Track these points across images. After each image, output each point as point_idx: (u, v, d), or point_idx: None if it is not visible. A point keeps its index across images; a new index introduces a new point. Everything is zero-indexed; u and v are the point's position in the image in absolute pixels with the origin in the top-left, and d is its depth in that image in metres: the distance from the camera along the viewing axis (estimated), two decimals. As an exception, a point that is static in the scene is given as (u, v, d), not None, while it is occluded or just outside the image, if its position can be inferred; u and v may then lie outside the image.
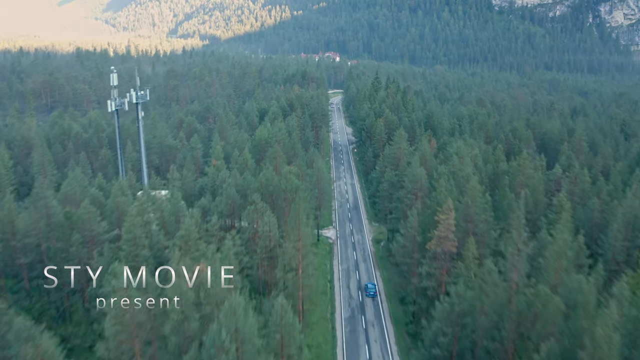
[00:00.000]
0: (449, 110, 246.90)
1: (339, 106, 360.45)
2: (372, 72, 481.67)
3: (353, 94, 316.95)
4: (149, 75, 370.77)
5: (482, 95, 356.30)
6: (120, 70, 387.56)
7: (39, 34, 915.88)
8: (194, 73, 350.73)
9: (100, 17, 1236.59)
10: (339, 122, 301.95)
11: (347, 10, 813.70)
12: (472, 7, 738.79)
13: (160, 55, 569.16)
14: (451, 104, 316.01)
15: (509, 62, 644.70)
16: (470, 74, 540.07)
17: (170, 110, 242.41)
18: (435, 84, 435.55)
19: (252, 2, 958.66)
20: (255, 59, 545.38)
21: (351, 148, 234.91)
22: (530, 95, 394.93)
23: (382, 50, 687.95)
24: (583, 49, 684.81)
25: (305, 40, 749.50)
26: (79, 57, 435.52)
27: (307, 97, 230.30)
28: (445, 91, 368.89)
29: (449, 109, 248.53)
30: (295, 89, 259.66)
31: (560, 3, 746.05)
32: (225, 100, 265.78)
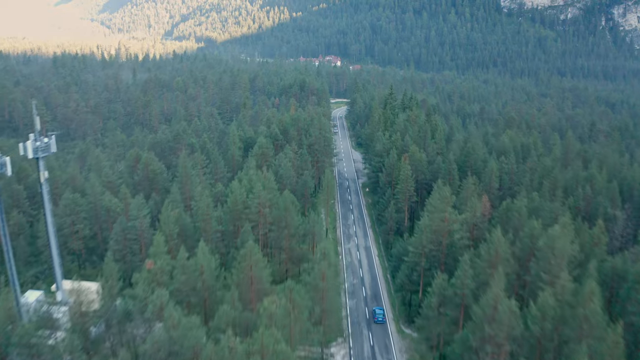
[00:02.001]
0: (483, 136, 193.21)
1: (342, 121, 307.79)
2: (378, 79, 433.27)
3: (360, 109, 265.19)
4: (127, 85, 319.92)
5: (508, 110, 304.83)
6: (100, 78, 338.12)
7: (29, 35, 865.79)
8: (176, 83, 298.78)
9: (96, 19, 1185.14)
10: (344, 143, 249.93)
11: (349, 12, 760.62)
12: (479, 9, 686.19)
13: (149, 59, 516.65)
14: (476, 122, 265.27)
15: (520, 67, 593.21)
16: (482, 81, 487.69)
17: (133, 137, 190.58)
18: (449, 94, 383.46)
19: (249, 3, 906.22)
20: (250, 64, 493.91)
21: (361, 185, 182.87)
22: (558, 109, 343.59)
23: (385, 54, 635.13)
24: (597, 54, 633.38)
25: (305, 43, 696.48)
26: (55, 63, 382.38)
27: (306, 120, 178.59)
28: (462, 104, 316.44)
29: (486, 138, 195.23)
30: (291, 107, 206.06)
31: (572, 5, 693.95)
32: (206, 121, 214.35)
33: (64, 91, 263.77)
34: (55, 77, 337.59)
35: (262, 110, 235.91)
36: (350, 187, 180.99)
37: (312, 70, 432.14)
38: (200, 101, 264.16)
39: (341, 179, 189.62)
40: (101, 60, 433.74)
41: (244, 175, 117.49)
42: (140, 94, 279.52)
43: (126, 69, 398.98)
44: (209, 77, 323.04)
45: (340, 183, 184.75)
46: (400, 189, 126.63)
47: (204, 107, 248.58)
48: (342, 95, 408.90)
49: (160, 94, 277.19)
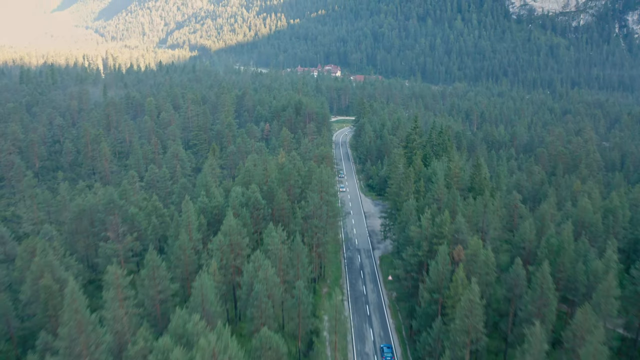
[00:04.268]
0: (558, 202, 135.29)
1: (347, 148, 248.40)
2: (383, 93, 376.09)
3: (369, 139, 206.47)
4: (94, 105, 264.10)
5: (539, 133, 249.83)
6: (66, 96, 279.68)
7: (17, 43, 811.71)
8: (148, 104, 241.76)
9: (90, 26, 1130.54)
10: (350, 183, 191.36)
11: (349, 18, 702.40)
12: (487, 15, 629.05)
13: (134, 70, 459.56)
14: (515, 159, 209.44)
15: (532, 77, 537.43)
16: (496, 94, 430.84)
17: (59, 196, 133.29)
18: (466, 111, 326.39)
19: (246, 10, 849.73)
20: (243, 75, 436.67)
21: (379, 262, 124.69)
22: (595, 131, 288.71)
23: (388, 63, 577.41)
24: (612, 63, 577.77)
25: (303, 51, 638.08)
26: (22, 77, 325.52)
27: (301, 175, 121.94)
28: (488, 129, 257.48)
29: (561, 203, 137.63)
30: (280, 154, 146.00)
31: (584, 11, 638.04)
32: (169, 163, 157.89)
33: (3, 119, 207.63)
34: (16, 95, 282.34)
35: (245, 144, 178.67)
36: (364, 268, 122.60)
37: (310, 84, 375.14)
38: (173, 129, 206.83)
39: (350, 250, 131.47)
40: (80, 73, 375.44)
41: (180, 324, 59.86)
42: (97, 122, 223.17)
43: (101, 83, 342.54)
44: (190, 96, 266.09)
45: (350, 258, 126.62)
46: (458, 326, 69.36)
47: (175, 139, 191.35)
48: (344, 112, 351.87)
49: (126, 119, 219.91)
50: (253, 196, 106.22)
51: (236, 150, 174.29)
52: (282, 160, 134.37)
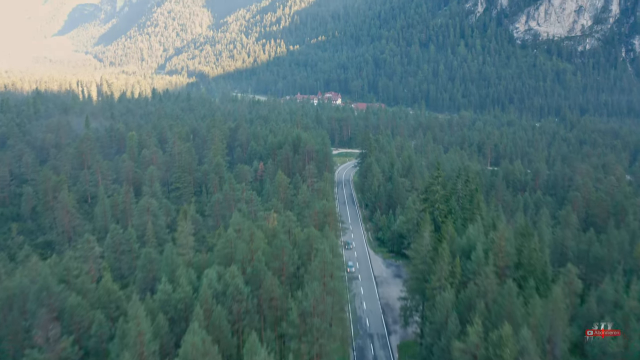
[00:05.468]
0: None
1: (351, 189, 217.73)
2: (388, 123, 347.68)
3: (378, 182, 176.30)
4: (73, 139, 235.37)
5: (559, 169, 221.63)
6: (46, 128, 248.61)
7: (14, 68, 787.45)
8: (129, 139, 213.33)
9: (90, 51, 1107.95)
10: (356, 232, 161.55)
11: (349, 44, 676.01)
12: (491, 40, 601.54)
13: (127, 97, 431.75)
14: (551, 212, 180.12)
15: (539, 104, 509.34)
16: (505, 123, 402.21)
17: None
18: (478, 144, 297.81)
19: (245, 36, 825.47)
20: (240, 104, 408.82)
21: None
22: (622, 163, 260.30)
23: (390, 90, 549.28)
24: (620, 88, 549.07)
25: (302, 78, 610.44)
26: (2, 106, 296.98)
27: (297, 248, 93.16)
28: (507, 167, 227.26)
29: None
30: (271, 217, 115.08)
31: (590, 36, 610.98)
32: (139, 223, 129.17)
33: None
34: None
35: (234, 191, 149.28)
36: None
37: (310, 114, 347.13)
38: (154, 170, 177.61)
39: (360, 337, 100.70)
40: (65, 101, 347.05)
41: None
42: (71, 159, 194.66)
43: (89, 113, 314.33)
44: (177, 129, 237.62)
45: (360, 349, 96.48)
46: None
47: (151, 184, 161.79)
48: (347, 144, 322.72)
49: (99, 158, 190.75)
50: (232, 283, 76.94)
51: (223, 198, 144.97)
52: (274, 224, 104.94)
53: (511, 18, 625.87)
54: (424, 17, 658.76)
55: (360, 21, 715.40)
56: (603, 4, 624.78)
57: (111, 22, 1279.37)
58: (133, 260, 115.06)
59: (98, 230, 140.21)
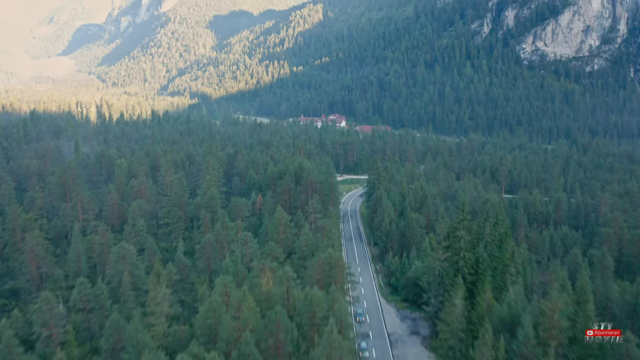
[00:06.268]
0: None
1: (358, 222, 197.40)
2: (395, 147, 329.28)
3: (390, 220, 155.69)
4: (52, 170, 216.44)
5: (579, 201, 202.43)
6: (34, 153, 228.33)
7: (14, 88, 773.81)
8: (117, 167, 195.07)
9: (93, 71, 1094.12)
10: (364, 276, 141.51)
11: (353, 66, 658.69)
12: (497, 61, 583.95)
13: (125, 119, 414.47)
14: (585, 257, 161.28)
15: (548, 125, 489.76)
16: (516, 146, 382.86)
17: None
18: (492, 170, 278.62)
19: (248, 57, 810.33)
20: (241, 128, 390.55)
21: None
22: None
23: (395, 112, 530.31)
24: (629, 109, 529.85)
25: (306, 100, 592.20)
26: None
27: (296, 320, 74.51)
28: (528, 198, 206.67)
29: None
30: (266, 273, 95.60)
31: (598, 56, 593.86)
32: (112, 277, 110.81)
33: None
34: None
35: (227, 232, 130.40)
36: None
37: (314, 138, 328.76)
38: (139, 206, 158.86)
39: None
40: (57, 124, 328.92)
41: None
42: (53, 190, 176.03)
43: (80, 137, 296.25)
44: (171, 155, 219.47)
45: None
46: None
47: (134, 222, 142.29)
48: (352, 170, 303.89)
49: (79, 191, 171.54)
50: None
51: (214, 240, 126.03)
52: (269, 285, 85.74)
53: (518, 38, 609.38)
54: (429, 37, 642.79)
55: (365, 42, 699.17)
56: (610, 23, 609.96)
57: (115, 43, 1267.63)
58: (104, 319, 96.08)
59: (72, 276, 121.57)
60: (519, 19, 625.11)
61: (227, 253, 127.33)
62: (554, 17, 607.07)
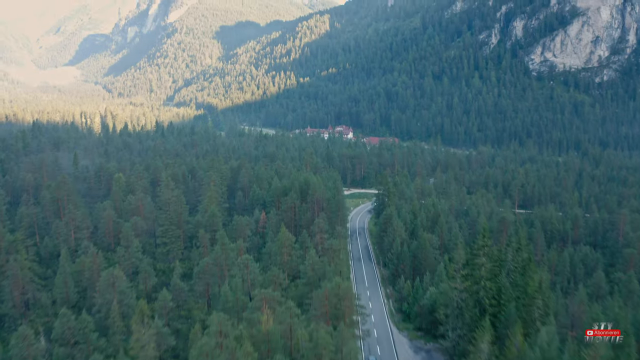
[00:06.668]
0: None
1: (367, 240, 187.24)
2: (404, 160, 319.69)
3: (401, 241, 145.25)
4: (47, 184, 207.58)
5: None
6: (32, 166, 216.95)
7: (18, 97, 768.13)
8: (115, 182, 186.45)
9: (100, 82, 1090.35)
10: (374, 300, 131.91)
11: (361, 77, 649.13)
12: (506, 72, 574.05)
13: (129, 129, 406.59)
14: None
15: (557, 137, 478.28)
16: (526, 159, 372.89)
17: None
18: (504, 185, 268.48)
19: (255, 68, 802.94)
20: (247, 139, 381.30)
21: None
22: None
23: (402, 124, 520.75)
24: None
25: (312, 111, 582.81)
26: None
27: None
28: (544, 215, 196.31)
29: None
30: (265, 318, 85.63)
31: (607, 67, 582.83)
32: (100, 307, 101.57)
33: None
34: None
35: (227, 254, 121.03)
36: None
37: (320, 150, 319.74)
38: (135, 224, 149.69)
39: None
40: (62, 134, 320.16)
41: None
42: (46, 206, 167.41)
43: (80, 148, 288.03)
44: (172, 170, 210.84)
45: None
46: None
47: (129, 244, 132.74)
48: (360, 184, 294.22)
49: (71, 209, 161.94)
50: None
51: (212, 263, 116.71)
52: (269, 324, 76.07)
53: (526, 49, 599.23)
54: (437, 48, 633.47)
55: (372, 53, 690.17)
56: (620, 34, 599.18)
57: (122, 53, 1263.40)
58: (90, 354, 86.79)
59: (59, 302, 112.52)
60: (527, 30, 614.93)
61: (226, 277, 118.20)
62: (563, 27, 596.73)
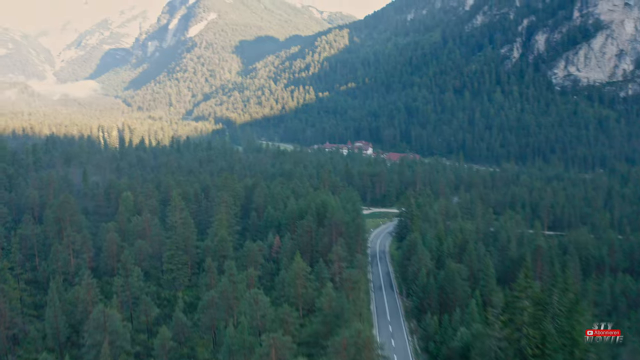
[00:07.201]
0: None
1: (388, 265, 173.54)
2: (426, 178, 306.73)
3: (427, 271, 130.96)
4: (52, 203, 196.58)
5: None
6: (39, 180, 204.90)
7: (37, 111, 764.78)
8: (123, 201, 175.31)
9: (120, 95, 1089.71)
10: (397, 336, 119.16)
11: (380, 92, 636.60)
12: (529, 86, 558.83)
13: (145, 143, 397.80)
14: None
15: (582, 153, 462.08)
16: (553, 177, 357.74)
17: None
18: (532, 206, 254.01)
19: (274, 82, 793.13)
20: (263, 155, 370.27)
21: None
22: None
23: (423, 139, 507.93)
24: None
25: (332, 126, 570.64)
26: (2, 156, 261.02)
27: None
28: (577, 238, 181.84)
29: None
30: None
31: (632, 81, 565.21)
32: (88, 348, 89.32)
33: None
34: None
35: (235, 288, 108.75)
36: None
37: (339, 167, 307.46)
38: (139, 249, 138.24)
39: None
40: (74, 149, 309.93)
41: None
42: (49, 226, 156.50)
43: (92, 164, 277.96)
44: (185, 187, 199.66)
45: None
46: None
47: (128, 272, 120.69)
48: (380, 203, 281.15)
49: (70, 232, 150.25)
50: None
51: (218, 297, 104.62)
52: None
53: (549, 63, 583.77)
54: (458, 63, 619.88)
55: (391, 67, 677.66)
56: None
57: (142, 67, 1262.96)
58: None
59: (50, 338, 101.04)
60: (550, 43, 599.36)
61: (234, 311, 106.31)
62: (586, 41, 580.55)
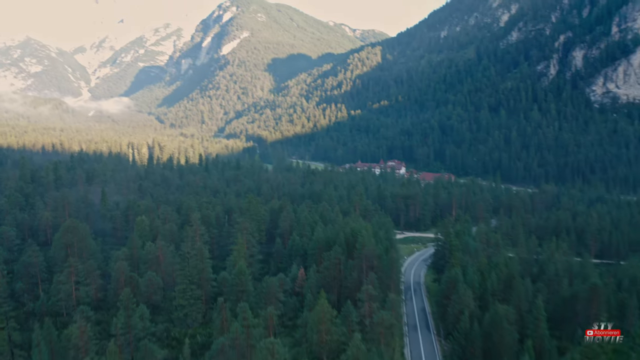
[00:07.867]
0: None
1: (423, 298, 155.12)
2: (461, 200, 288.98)
3: (470, 313, 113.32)
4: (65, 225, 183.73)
5: None
6: (56, 198, 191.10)
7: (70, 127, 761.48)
8: (137, 225, 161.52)
9: (153, 112, 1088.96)
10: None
11: (413, 109, 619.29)
12: (566, 104, 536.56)
13: (174, 160, 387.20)
14: None
15: (623, 173, 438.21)
16: (595, 199, 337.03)
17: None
18: (578, 232, 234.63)
19: (305, 100, 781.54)
20: (293, 174, 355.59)
21: None
22: None
23: (458, 159, 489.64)
24: None
25: (364, 145, 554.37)
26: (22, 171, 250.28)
27: None
28: (635, 272, 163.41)
29: None
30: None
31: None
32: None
33: None
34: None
35: (248, 335, 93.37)
36: None
37: (372, 188, 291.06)
38: (150, 281, 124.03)
39: None
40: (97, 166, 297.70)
41: None
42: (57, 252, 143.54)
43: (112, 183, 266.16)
44: (205, 210, 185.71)
45: None
46: None
47: (131, 312, 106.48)
48: (414, 227, 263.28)
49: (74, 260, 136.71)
50: None
51: (228, 346, 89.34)
52: None
53: (587, 80, 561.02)
54: (493, 80, 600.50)
55: (425, 85, 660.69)
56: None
57: (175, 85, 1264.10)
58: None
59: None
60: (587, 60, 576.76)
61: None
62: (626, 57, 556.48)
